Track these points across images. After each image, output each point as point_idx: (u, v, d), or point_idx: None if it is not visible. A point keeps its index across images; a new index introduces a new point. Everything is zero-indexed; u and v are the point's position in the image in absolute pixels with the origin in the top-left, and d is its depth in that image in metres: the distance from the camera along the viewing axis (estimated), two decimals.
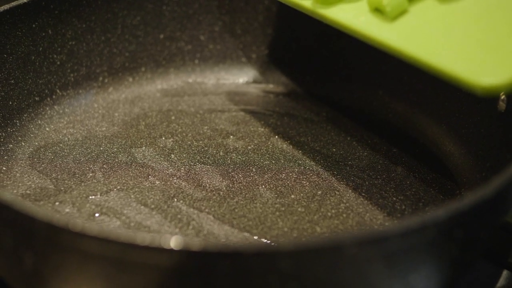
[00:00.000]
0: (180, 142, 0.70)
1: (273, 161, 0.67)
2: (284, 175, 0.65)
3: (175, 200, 0.62)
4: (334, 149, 0.69)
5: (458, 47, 0.54)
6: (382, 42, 0.57)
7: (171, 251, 0.43)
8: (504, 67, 0.51)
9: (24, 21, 0.71)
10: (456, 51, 0.53)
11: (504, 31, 0.53)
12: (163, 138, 0.70)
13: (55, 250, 0.46)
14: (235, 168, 0.66)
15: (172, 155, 0.68)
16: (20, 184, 0.64)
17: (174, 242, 0.43)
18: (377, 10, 0.58)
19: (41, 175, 0.65)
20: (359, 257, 0.44)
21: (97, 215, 0.60)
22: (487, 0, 0.55)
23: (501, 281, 0.60)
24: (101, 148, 0.69)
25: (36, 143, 0.69)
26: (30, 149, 0.69)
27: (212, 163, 0.67)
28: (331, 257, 0.44)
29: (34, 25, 0.72)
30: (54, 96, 0.74)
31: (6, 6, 0.68)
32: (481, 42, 0.53)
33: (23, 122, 0.71)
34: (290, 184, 0.64)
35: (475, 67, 0.52)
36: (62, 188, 0.63)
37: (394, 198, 0.62)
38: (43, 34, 0.73)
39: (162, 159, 0.67)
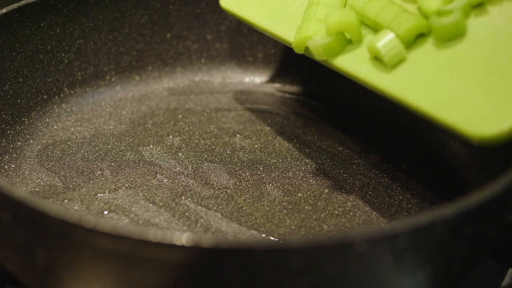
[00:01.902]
0: (187, 141, 0.70)
1: (280, 160, 0.67)
2: (291, 173, 0.65)
3: (183, 198, 0.62)
4: (340, 148, 0.69)
5: (456, 96, 0.53)
6: (382, 90, 0.57)
7: (182, 247, 0.43)
8: (500, 118, 0.50)
9: (33, 19, 0.71)
10: (454, 101, 0.53)
11: (500, 80, 0.52)
12: (171, 136, 0.71)
13: (67, 246, 0.47)
14: (242, 167, 0.66)
15: (179, 153, 0.68)
16: (29, 182, 0.64)
17: (185, 238, 0.43)
18: (377, 59, 0.58)
19: (50, 172, 0.66)
20: (368, 254, 0.45)
21: (105, 212, 0.61)
22: (485, 46, 0.54)
23: (507, 279, 0.60)
24: (109, 146, 0.69)
25: (44, 141, 0.70)
26: (39, 147, 0.69)
27: (219, 162, 0.67)
28: (341, 253, 0.44)
29: (42, 24, 0.72)
30: (62, 95, 0.75)
31: (15, 5, 0.69)
32: (478, 90, 0.52)
33: (31, 120, 0.71)
34: (297, 183, 0.64)
35: (472, 117, 0.51)
36: (71, 186, 0.64)
37: (401, 197, 0.63)
38: (51, 32, 0.73)
39: (169, 157, 0.68)
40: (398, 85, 0.56)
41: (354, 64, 0.59)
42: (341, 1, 0.62)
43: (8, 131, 0.69)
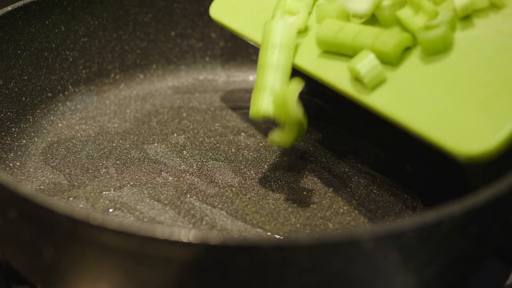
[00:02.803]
0: (192, 139, 0.70)
1: (285, 158, 0.67)
2: (295, 172, 0.65)
3: (188, 196, 0.62)
4: (344, 147, 0.69)
5: (441, 112, 0.53)
6: (367, 105, 0.57)
7: (190, 244, 0.43)
8: (486, 136, 0.50)
9: (38, 17, 0.71)
10: (440, 117, 0.52)
11: (486, 96, 0.52)
12: (175, 134, 0.71)
13: (74, 244, 0.47)
14: (247, 165, 0.66)
15: (184, 151, 0.68)
16: (34, 180, 0.64)
17: (193, 235, 0.43)
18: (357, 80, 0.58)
19: (55, 170, 0.66)
20: (375, 251, 0.45)
21: (110, 210, 0.61)
22: (472, 60, 0.54)
23: (511, 278, 0.60)
24: (114, 144, 0.69)
25: (49, 139, 0.70)
26: (43, 144, 0.69)
27: (224, 160, 0.67)
28: (348, 251, 0.44)
29: (47, 22, 0.72)
30: (66, 92, 0.75)
31: (20, 3, 0.69)
32: (464, 106, 0.52)
33: (36, 118, 0.71)
34: (301, 181, 0.64)
35: (458, 135, 0.51)
36: (76, 184, 0.64)
37: (406, 195, 0.63)
38: (56, 30, 0.73)
39: (174, 155, 0.68)
40: (383, 100, 0.56)
41: (339, 78, 0.59)
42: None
43: (13, 129, 0.69)
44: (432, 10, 0.56)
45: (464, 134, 0.51)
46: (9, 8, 0.68)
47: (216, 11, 0.72)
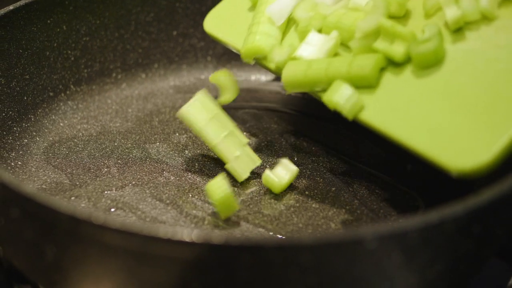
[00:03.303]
0: (193, 138, 0.70)
1: (287, 158, 0.67)
2: (298, 171, 0.65)
3: (190, 195, 0.62)
4: (347, 146, 0.69)
5: (433, 127, 0.53)
6: (360, 120, 0.57)
7: (193, 244, 0.43)
8: (478, 151, 0.50)
9: (40, 16, 0.71)
10: (432, 132, 0.52)
11: (478, 110, 0.52)
12: (177, 134, 0.71)
13: (76, 243, 0.47)
14: None
15: (186, 151, 0.68)
16: (35, 179, 0.64)
17: (195, 235, 0.43)
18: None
19: (56, 170, 0.66)
20: (378, 251, 0.45)
21: (112, 210, 0.61)
22: (464, 74, 0.54)
23: None
24: (115, 144, 0.69)
25: (51, 138, 0.70)
26: (45, 144, 0.69)
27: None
28: (351, 251, 0.44)
29: (49, 21, 0.72)
30: (68, 92, 0.75)
31: (22, 2, 0.69)
32: (456, 121, 0.52)
33: (37, 117, 0.71)
34: (303, 181, 0.64)
35: (450, 150, 0.51)
36: (78, 183, 0.64)
37: (407, 195, 0.63)
38: (58, 30, 0.73)
39: (176, 155, 0.68)
40: (376, 115, 0.56)
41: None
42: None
43: (15, 128, 0.69)
44: (409, 35, 0.56)
45: (457, 149, 0.51)
46: (11, 7, 0.68)
47: (210, 25, 0.72)
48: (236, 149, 0.63)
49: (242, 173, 0.63)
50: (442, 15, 0.57)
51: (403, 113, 0.55)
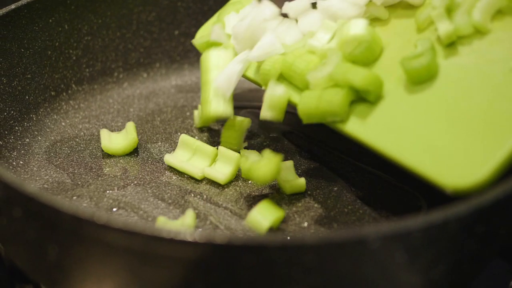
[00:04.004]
0: (195, 138, 0.70)
1: (289, 158, 0.67)
2: (300, 171, 0.65)
3: (192, 195, 0.62)
4: (349, 146, 0.69)
5: (428, 144, 0.52)
6: (354, 137, 0.57)
7: (196, 244, 0.43)
8: (473, 169, 0.49)
9: (41, 16, 0.71)
10: (426, 150, 0.52)
11: (472, 127, 0.51)
12: (179, 133, 0.70)
13: (78, 242, 0.47)
14: None
15: None
16: (37, 178, 0.64)
17: (198, 235, 0.43)
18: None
19: (58, 169, 0.65)
20: (381, 250, 0.45)
21: (114, 209, 0.61)
22: (458, 89, 0.53)
23: None
24: None
25: (53, 138, 0.70)
26: (47, 143, 0.69)
27: None
28: (355, 250, 0.44)
29: (51, 20, 0.72)
30: (69, 91, 0.75)
31: (24, 1, 0.69)
32: (450, 138, 0.51)
33: (39, 117, 0.71)
34: (306, 181, 0.64)
35: (445, 168, 0.51)
36: (79, 183, 0.64)
37: (410, 195, 0.62)
38: (60, 29, 0.73)
39: None
40: (368, 131, 0.56)
41: None
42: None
43: (16, 128, 0.68)
44: (362, 83, 0.55)
45: (451, 166, 0.50)
46: (13, 6, 0.68)
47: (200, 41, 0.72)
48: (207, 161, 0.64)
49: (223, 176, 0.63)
50: (434, 29, 0.56)
51: (396, 130, 0.54)
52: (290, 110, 0.75)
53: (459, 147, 0.51)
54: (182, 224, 0.57)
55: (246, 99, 0.76)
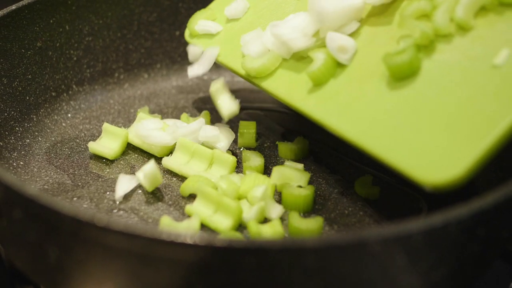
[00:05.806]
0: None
1: (289, 159, 0.67)
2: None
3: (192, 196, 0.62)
4: (349, 148, 0.69)
5: (407, 140, 0.52)
6: (334, 131, 0.57)
7: (196, 246, 0.43)
8: (451, 165, 0.49)
9: (42, 16, 0.71)
10: (406, 146, 0.52)
11: (451, 123, 0.51)
12: None
13: (79, 244, 0.47)
14: None
15: None
16: (37, 179, 0.64)
17: (199, 237, 0.43)
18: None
19: (58, 170, 0.65)
20: (382, 253, 0.44)
21: (114, 211, 0.60)
22: (440, 86, 0.53)
23: None
24: None
25: (53, 138, 0.70)
26: (47, 144, 0.69)
27: None
28: (356, 253, 0.44)
29: (51, 21, 0.72)
30: (70, 92, 0.75)
31: (25, 1, 0.69)
32: (429, 134, 0.51)
33: (39, 117, 0.71)
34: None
35: (423, 164, 0.50)
36: (80, 184, 0.64)
37: (411, 197, 0.62)
38: (61, 29, 0.73)
39: None
40: (348, 125, 0.56)
41: (301, 98, 0.60)
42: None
43: (17, 128, 0.68)
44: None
45: (430, 162, 0.50)
46: (13, 7, 0.68)
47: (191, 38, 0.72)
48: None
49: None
50: (418, 26, 0.56)
51: (377, 125, 0.54)
52: (290, 110, 0.75)
53: (438, 143, 0.51)
54: (187, 227, 0.57)
55: (247, 100, 0.76)
